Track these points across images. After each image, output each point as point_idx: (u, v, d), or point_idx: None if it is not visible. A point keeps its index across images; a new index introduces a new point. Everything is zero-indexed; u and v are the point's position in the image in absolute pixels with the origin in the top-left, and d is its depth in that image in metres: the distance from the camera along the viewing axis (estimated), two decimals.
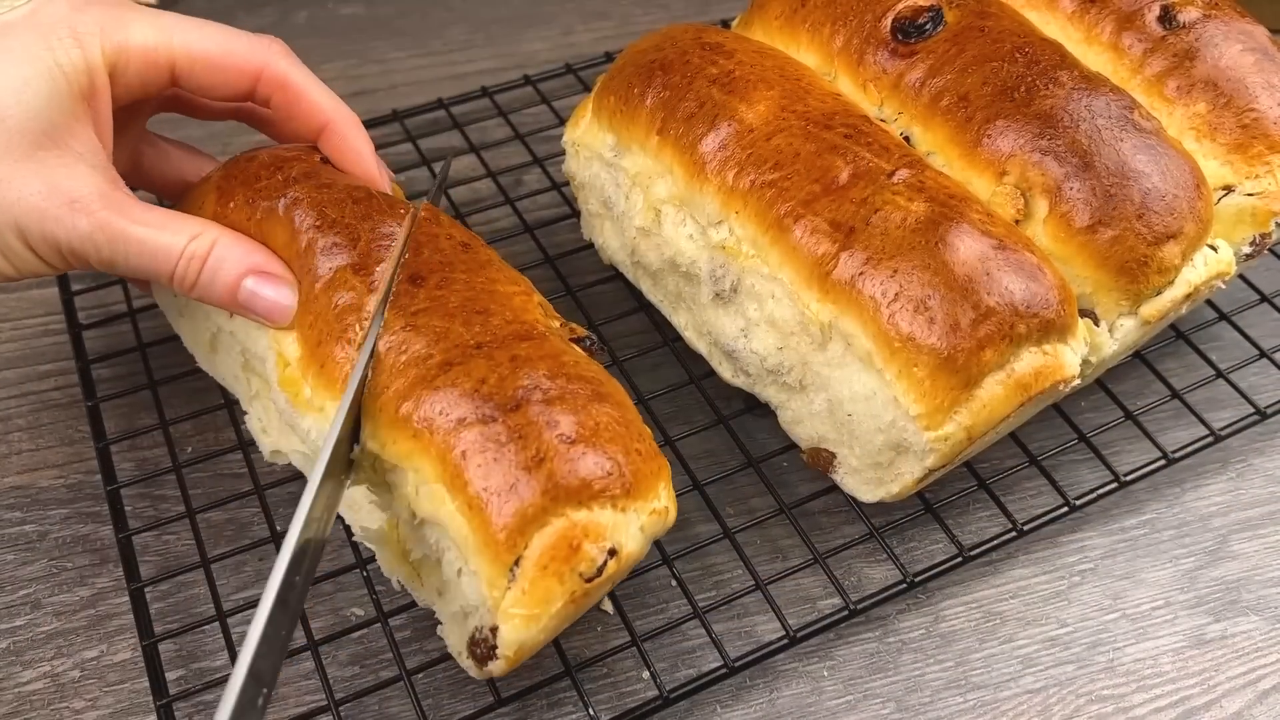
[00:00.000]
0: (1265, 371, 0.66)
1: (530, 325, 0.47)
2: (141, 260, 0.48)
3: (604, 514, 0.43)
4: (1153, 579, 0.58)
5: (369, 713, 0.51)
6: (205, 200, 0.53)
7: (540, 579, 0.42)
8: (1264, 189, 0.56)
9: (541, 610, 0.42)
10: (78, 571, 0.56)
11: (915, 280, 0.48)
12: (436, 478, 0.43)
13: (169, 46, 0.50)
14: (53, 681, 0.52)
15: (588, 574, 0.43)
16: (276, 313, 0.49)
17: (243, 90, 0.53)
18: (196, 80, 0.52)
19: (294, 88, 0.53)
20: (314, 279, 0.49)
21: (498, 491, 0.42)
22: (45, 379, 0.64)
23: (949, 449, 0.49)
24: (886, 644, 0.55)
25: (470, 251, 0.50)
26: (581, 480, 0.43)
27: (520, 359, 0.45)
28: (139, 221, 0.48)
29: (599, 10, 0.92)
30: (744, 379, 0.57)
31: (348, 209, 0.50)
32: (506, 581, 0.42)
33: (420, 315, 0.46)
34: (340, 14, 0.90)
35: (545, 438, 0.43)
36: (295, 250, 0.49)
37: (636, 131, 0.57)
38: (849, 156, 0.51)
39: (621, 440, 0.45)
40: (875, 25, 0.58)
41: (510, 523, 0.42)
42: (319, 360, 0.47)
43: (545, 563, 0.42)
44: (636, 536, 0.45)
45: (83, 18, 0.49)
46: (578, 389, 0.45)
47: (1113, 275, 0.52)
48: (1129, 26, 0.59)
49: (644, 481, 0.45)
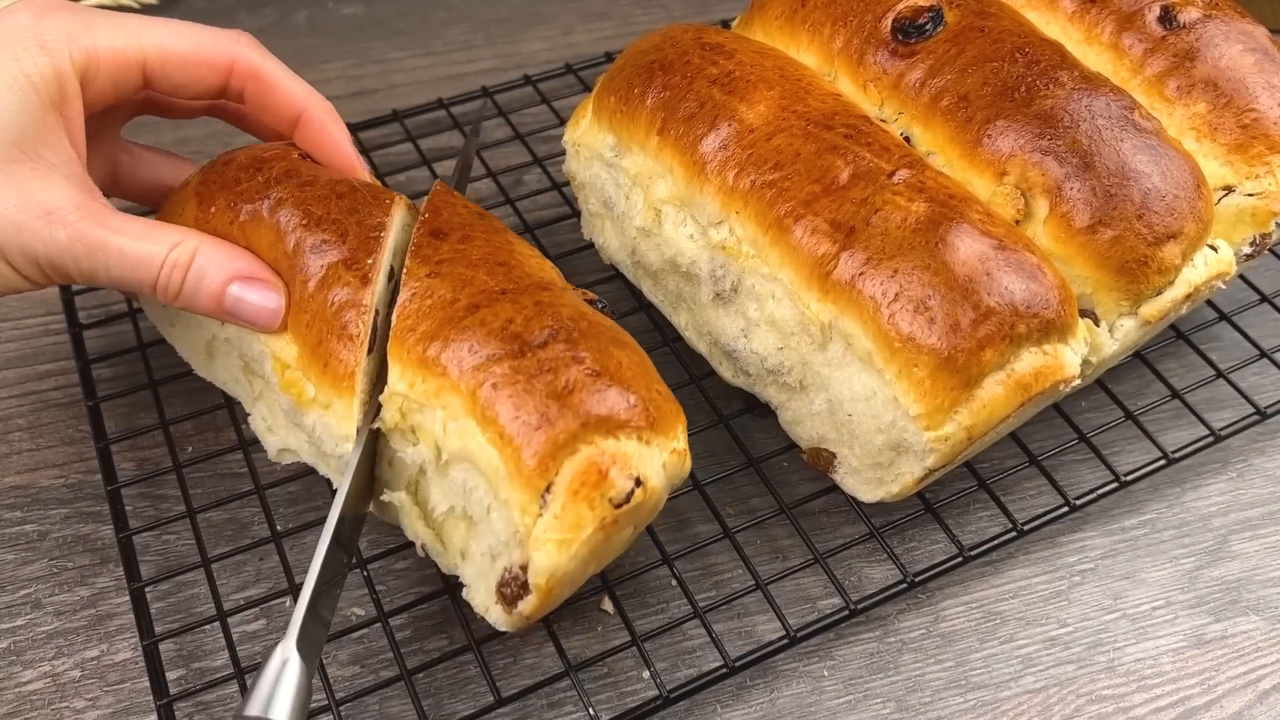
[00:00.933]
0: (1265, 371, 0.66)
1: (549, 281, 0.49)
2: (123, 271, 0.48)
3: (630, 444, 0.45)
4: (1153, 579, 0.58)
5: (369, 712, 0.51)
6: (186, 207, 0.52)
7: (572, 504, 0.43)
8: (1264, 189, 0.56)
9: (574, 535, 0.43)
10: (78, 571, 0.56)
11: (915, 280, 0.48)
12: (467, 412, 0.44)
13: (138, 47, 0.50)
14: (53, 681, 0.52)
15: (617, 500, 0.44)
16: (264, 317, 0.49)
17: (215, 86, 0.53)
18: (169, 79, 0.51)
19: (266, 78, 0.53)
20: (305, 278, 0.49)
21: (528, 420, 0.43)
22: (45, 378, 0.64)
23: (949, 449, 0.49)
24: (887, 644, 0.55)
25: (486, 219, 0.52)
26: (610, 410, 0.44)
27: (543, 304, 0.47)
28: (118, 231, 0.47)
29: (599, 10, 0.92)
30: (744, 379, 0.57)
31: (333, 204, 0.50)
32: (539, 508, 0.43)
33: (444, 264, 0.48)
34: (340, 14, 0.90)
35: (573, 370, 0.44)
36: (283, 251, 0.49)
37: (637, 132, 0.57)
38: (849, 157, 0.51)
39: (643, 379, 0.47)
40: (875, 25, 0.58)
41: (542, 449, 0.43)
42: (321, 359, 0.48)
43: (576, 487, 0.43)
44: (659, 472, 0.46)
45: (48, 25, 0.48)
46: (599, 332, 0.47)
47: (1113, 275, 0.52)
48: (1129, 27, 0.59)
49: (665, 419, 0.47)
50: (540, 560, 0.43)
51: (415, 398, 0.46)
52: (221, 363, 0.55)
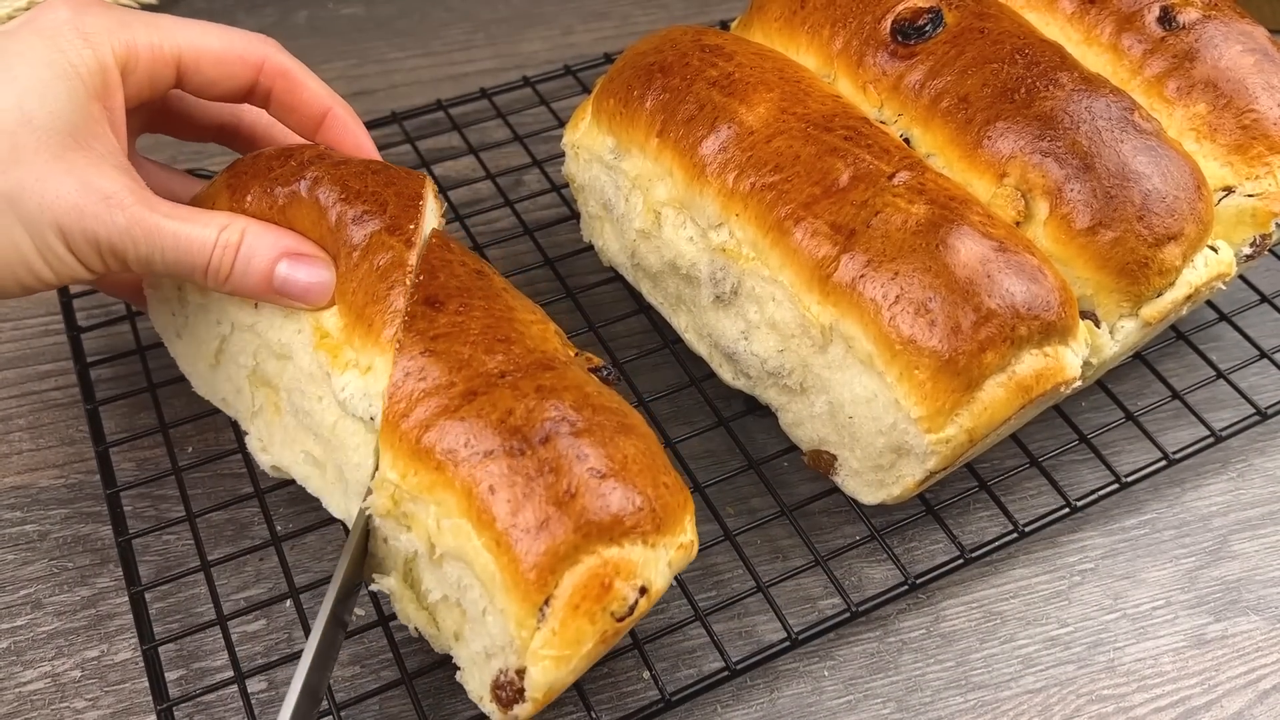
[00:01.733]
0: (1265, 372, 0.66)
1: (551, 355, 0.46)
2: (178, 254, 0.48)
3: (635, 550, 0.42)
4: (1153, 579, 0.58)
5: (369, 713, 0.51)
6: (217, 200, 0.53)
7: (571, 619, 0.41)
8: (1264, 190, 0.56)
9: (572, 651, 0.41)
10: (78, 571, 0.56)
11: (916, 282, 0.48)
12: (461, 512, 0.42)
13: (174, 43, 0.51)
14: (53, 681, 0.52)
15: (619, 613, 0.42)
16: (314, 292, 0.49)
17: (246, 83, 0.54)
18: (203, 75, 0.52)
19: (294, 77, 0.54)
20: (350, 249, 0.49)
21: (527, 528, 0.40)
22: (45, 379, 0.64)
23: (950, 451, 0.49)
24: (887, 644, 0.55)
25: (485, 279, 0.49)
26: (614, 516, 0.42)
27: (545, 389, 0.44)
28: (171, 216, 0.48)
29: (598, 11, 0.92)
30: (744, 381, 0.57)
31: (369, 179, 0.51)
32: (536, 622, 0.40)
33: (440, 340, 0.45)
34: (340, 14, 0.90)
35: (576, 472, 0.42)
36: (325, 228, 0.50)
37: (636, 134, 0.57)
38: (849, 159, 0.51)
39: (650, 473, 0.44)
40: (875, 27, 0.58)
41: (542, 561, 0.40)
42: (366, 321, 0.47)
43: (577, 602, 0.41)
44: (665, 573, 0.44)
45: (88, 19, 0.49)
46: (604, 420, 0.44)
47: (1113, 277, 0.52)
48: (1129, 27, 0.59)
49: (672, 515, 0.44)
50: (537, 676, 0.41)
51: (407, 489, 0.43)
52: (227, 369, 0.54)
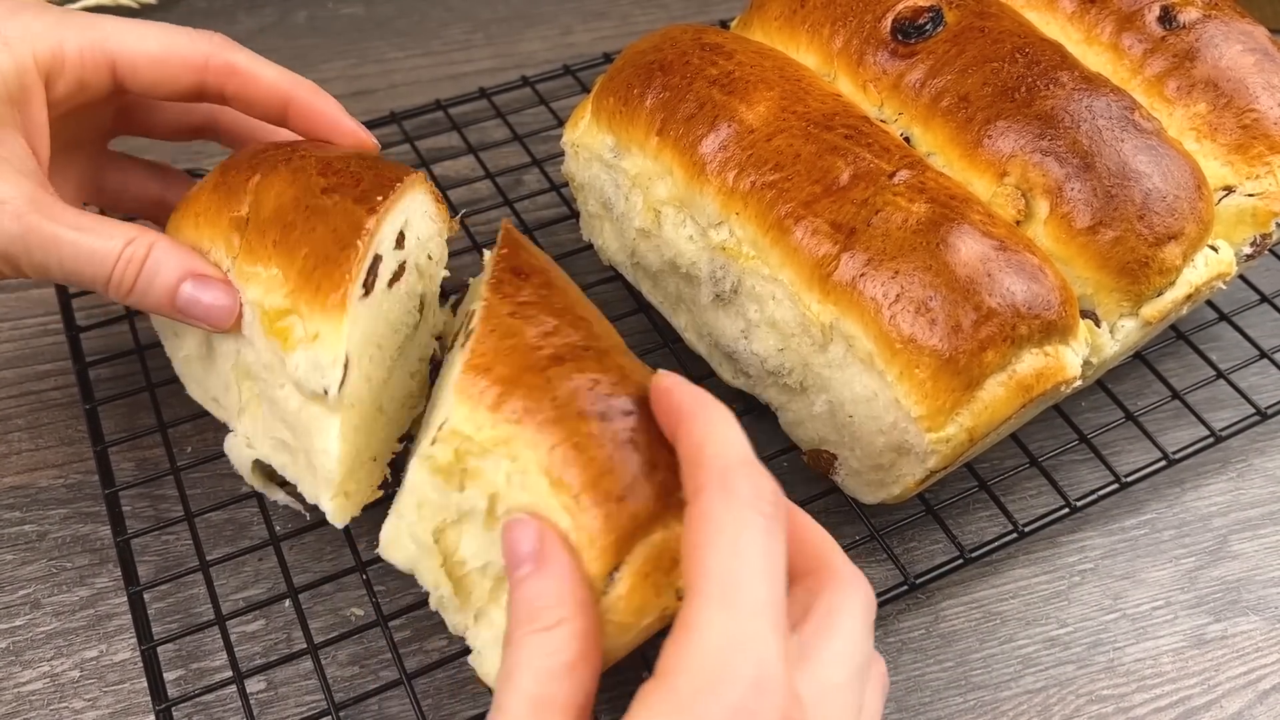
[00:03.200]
0: (1265, 372, 0.66)
1: (623, 346, 0.47)
2: (76, 264, 0.47)
3: None
4: (1153, 579, 0.58)
5: (368, 713, 0.51)
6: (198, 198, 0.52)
7: (639, 587, 0.40)
8: (1264, 189, 0.56)
9: (634, 620, 0.40)
10: (77, 571, 0.56)
11: (917, 281, 0.48)
12: (540, 469, 0.41)
13: (105, 46, 0.50)
14: (52, 681, 0.52)
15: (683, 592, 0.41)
16: (215, 314, 0.48)
17: (190, 85, 0.52)
18: (140, 79, 0.51)
19: (243, 71, 0.52)
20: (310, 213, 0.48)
21: (610, 492, 0.40)
22: (44, 379, 0.64)
23: (950, 450, 0.49)
24: (887, 644, 0.55)
25: (558, 269, 0.50)
26: None
27: (626, 369, 0.44)
28: (72, 225, 0.47)
29: (598, 10, 0.92)
30: (744, 380, 0.57)
31: (353, 161, 0.50)
32: (604, 586, 0.40)
33: (527, 306, 0.45)
34: (340, 14, 0.90)
35: (659, 449, 0.42)
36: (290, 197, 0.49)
37: (636, 133, 0.57)
38: (849, 157, 0.51)
39: None
40: (875, 26, 0.58)
41: (623, 525, 0.40)
42: (314, 284, 0.46)
43: (647, 571, 0.40)
44: None
45: (12, 23, 0.48)
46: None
47: (1114, 276, 0.52)
48: (1129, 27, 0.59)
49: None
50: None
51: (481, 442, 0.42)
52: (217, 366, 0.54)
